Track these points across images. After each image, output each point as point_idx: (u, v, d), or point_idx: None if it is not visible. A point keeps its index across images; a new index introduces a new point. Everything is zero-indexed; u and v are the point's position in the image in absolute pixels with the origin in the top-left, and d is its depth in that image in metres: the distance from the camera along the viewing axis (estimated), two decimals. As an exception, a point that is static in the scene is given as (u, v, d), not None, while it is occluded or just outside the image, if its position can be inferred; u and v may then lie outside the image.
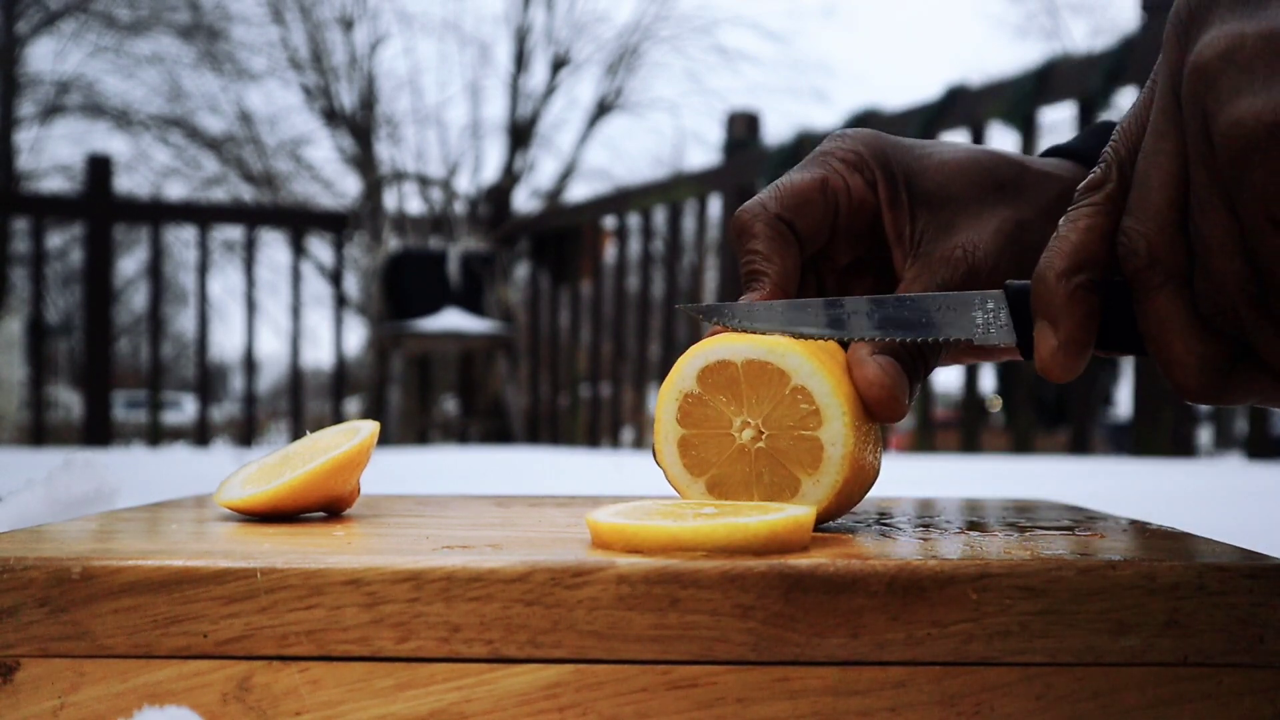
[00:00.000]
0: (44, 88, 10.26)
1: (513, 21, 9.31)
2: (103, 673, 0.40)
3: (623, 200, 4.27)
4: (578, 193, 9.35)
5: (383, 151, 9.10)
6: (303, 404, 4.64)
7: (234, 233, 6.98)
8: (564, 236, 4.51)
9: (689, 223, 3.95)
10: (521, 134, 9.15)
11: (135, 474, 1.21)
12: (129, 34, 9.83)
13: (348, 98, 9.13)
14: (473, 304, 4.40)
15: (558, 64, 9.37)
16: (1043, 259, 0.42)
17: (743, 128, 3.80)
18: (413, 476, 1.63)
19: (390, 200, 5.76)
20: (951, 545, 0.45)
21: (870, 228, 0.54)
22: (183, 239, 9.36)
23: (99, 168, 4.19)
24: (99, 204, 4.13)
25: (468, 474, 1.84)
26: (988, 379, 6.32)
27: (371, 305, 4.45)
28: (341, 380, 4.60)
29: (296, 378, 4.44)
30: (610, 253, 4.66)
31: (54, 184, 10.35)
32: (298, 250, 4.41)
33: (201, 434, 4.34)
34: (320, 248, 8.11)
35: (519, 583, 0.40)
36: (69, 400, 9.14)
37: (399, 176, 5.98)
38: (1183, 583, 0.40)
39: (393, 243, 4.44)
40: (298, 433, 4.16)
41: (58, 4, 9.82)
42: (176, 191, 9.98)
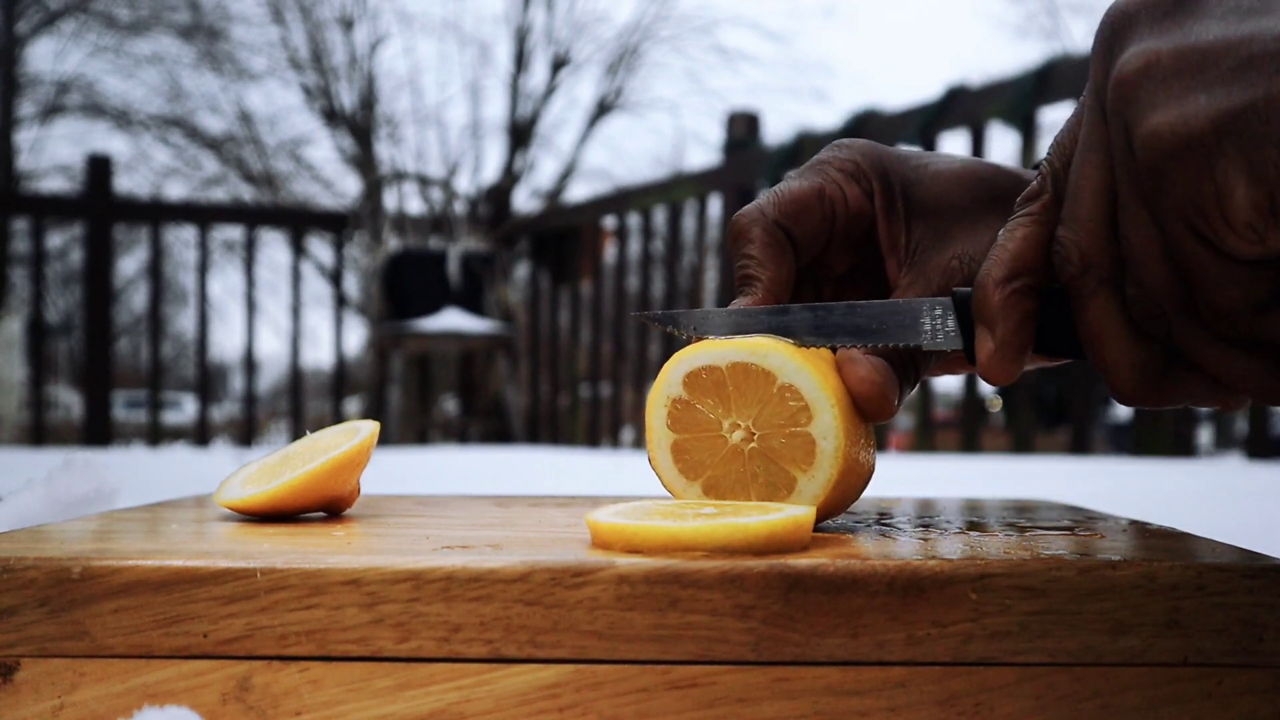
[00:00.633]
0: (44, 88, 10.27)
1: (513, 21, 9.31)
2: (102, 673, 0.40)
3: (623, 200, 4.27)
4: (578, 193, 9.35)
5: (383, 151, 9.10)
6: (303, 404, 4.64)
7: (234, 233, 6.99)
8: (564, 236, 4.51)
9: (689, 223, 3.95)
10: (521, 134, 9.14)
11: (135, 474, 1.21)
12: (129, 34, 9.83)
13: (348, 98, 9.13)
14: (473, 304, 4.39)
15: (558, 64, 9.37)
16: (982, 268, 0.44)
17: (743, 128, 3.80)
18: (413, 476, 1.63)
19: (390, 200, 5.75)
20: (951, 545, 0.45)
21: (866, 237, 0.54)
22: (183, 239, 9.36)
23: (99, 168, 4.19)
24: (99, 204, 4.13)
25: (468, 474, 1.85)
26: (988, 379, 6.29)
27: (371, 305, 4.44)
28: (341, 380, 4.60)
29: (296, 378, 4.44)
30: (610, 253, 4.66)
31: (54, 184, 10.35)
32: (298, 250, 4.41)
33: (201, 434, 4.33)
34: (320, 248, 8.11)
35: (519, 583, 0.40)
36: (69, 400, 9.15)
37: (399, 176, 5.97)
38: (1183, 583, 0.40)
39: (393, 243, 4.43)
40: (298, 433, 4.16)
41: (58, 4, 9.82)
42: (176, 191, 9.99)
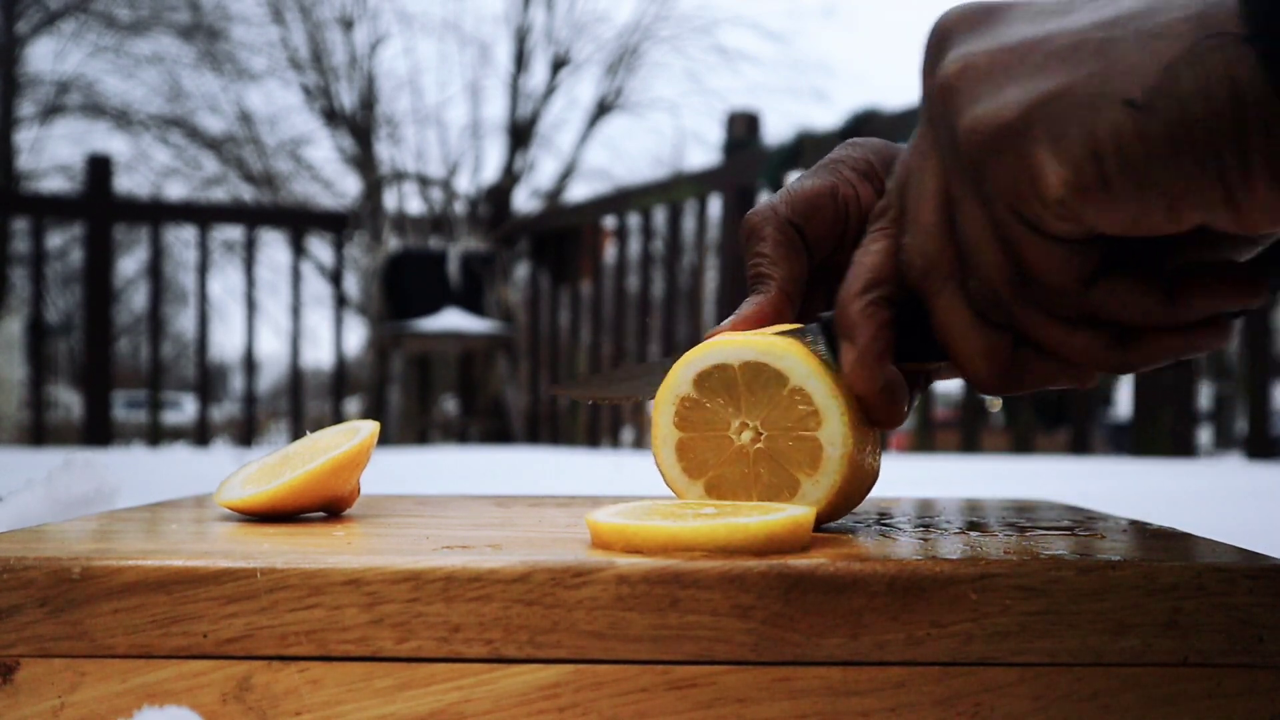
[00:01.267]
0: (44, 88, 10.25)
1: (513, 21, 9.30)
2: (102, 673, 0.40)
3: (623, 200, 4.27)
4: (578, 193, 9.33)
5: (383, 151, 9.09)
6: (303, 404, 4.64)
7: (234, 233, 6.96)
8: (564, 236, 4.51)
9: (689, 223, 3.94)
10: (521, 134, 9.14)
11: (135, 474, 1.21)
12: (129, 34, 9.82)
13: (348, 98, 9.12)
14: (473, 304, 4.39)
15: (558, 64, 9.36)
16: (841, 286, 0.46)
17: (743, 128, 3.80)
18: (413, 476, 1.63)
19: (390, 200, 5.75)
20: (951, 545, 0.45)
21: None
22: (183, 239, 9.34)
23: (99, 168, 4.19)
24: (99, 204, 4.13)
25: (468, 474, 1.85)
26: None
27: (371, 305, 4.44)
28: (341, 380, 4.60)
29: (296, 378, 4.44)
30: (610, 253, 4.66)
31: (54, 184, 10.34)
32: (298, 250, 4.41)
33: (201, 434, 4.33)
34: (320, 248, 8.10)
35: (519, 583, 0.40)
36: (69, 400, 9.14)
37: (399, 176, 5.97)
38: (1182, 583, 0.40)
39: (393, 243, 4.43)
40: (298, 433, 4.16)
41: (58, 4, 9.81)
42: (176, 191, 9.97)
